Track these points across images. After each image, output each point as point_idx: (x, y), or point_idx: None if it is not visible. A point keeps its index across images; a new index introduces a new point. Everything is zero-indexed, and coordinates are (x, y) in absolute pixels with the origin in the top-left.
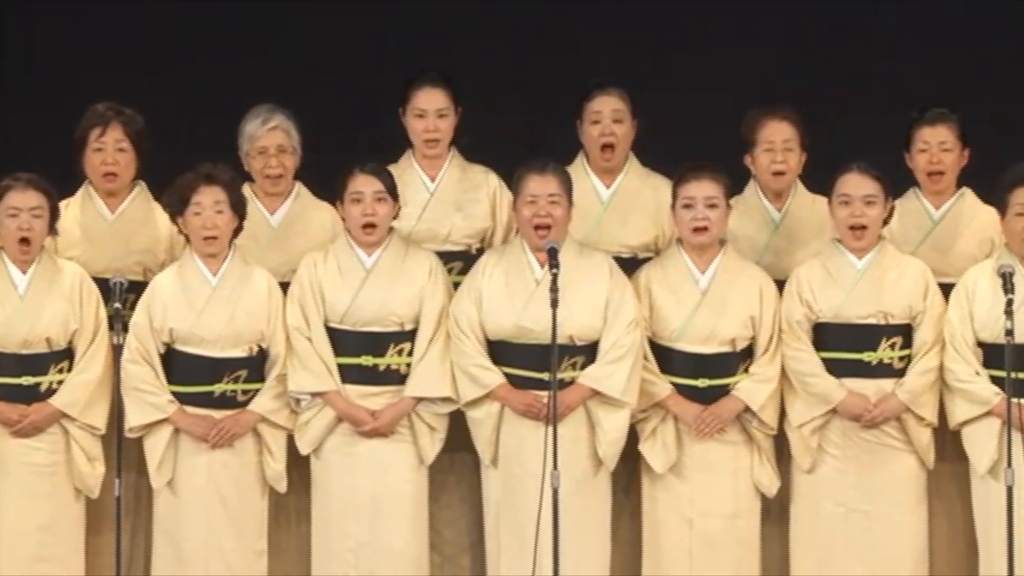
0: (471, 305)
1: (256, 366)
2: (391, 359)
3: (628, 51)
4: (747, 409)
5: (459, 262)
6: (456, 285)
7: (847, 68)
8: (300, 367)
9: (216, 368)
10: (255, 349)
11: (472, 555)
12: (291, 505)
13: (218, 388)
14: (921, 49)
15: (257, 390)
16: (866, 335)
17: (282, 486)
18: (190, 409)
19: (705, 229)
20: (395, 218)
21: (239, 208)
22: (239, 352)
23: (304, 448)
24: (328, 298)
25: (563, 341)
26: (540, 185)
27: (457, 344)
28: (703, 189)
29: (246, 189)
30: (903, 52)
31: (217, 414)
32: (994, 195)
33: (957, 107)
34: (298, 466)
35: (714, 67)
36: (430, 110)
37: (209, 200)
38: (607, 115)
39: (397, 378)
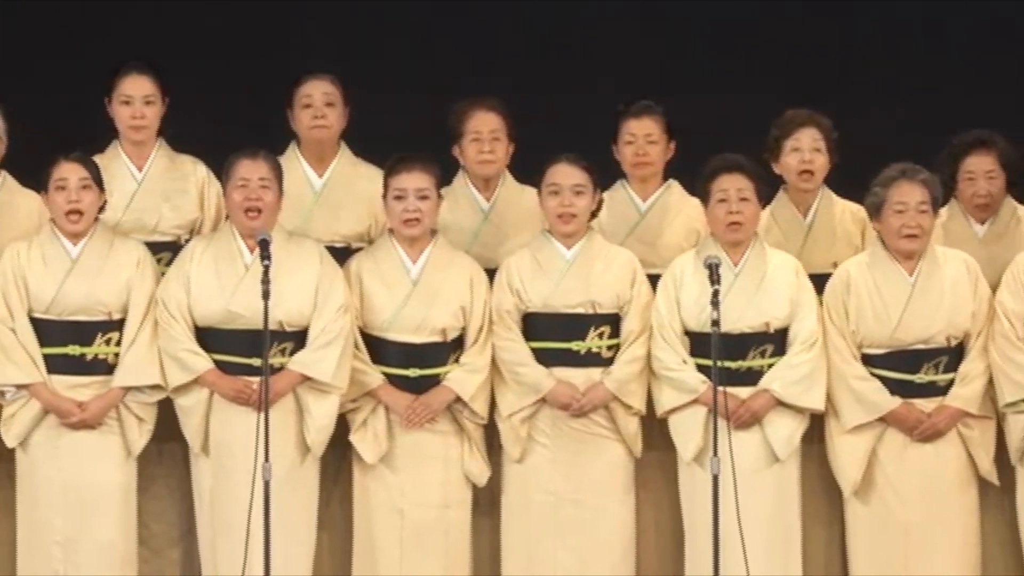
0: (180, 289)
1: None
2: (99, 348)
3: (343, 43)
4: (458, 399)
5: (168, 252)
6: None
7: (557, 60)
8: (4, 359)
9: None
10: None
11: (181, 548)
12: None
13: None
14: (632, 41)
15: None
16: (575, 324)
17: None
18: None
19: (417, 221)
20: (102, 209)
21: None
22: None
23: (10, 441)
24: (32, 288)
25: (273, 327)
26: (251, 169)
27: (165, 329)
28: (414, 181)
29: None
30: (615, 44)
31: None
32: (697, 186)
33: (663, 101)
34: (2, 459)
35: (429, 59)
36: (136, 96)
37: None
38: (319, 99)
39: (105, 368)
